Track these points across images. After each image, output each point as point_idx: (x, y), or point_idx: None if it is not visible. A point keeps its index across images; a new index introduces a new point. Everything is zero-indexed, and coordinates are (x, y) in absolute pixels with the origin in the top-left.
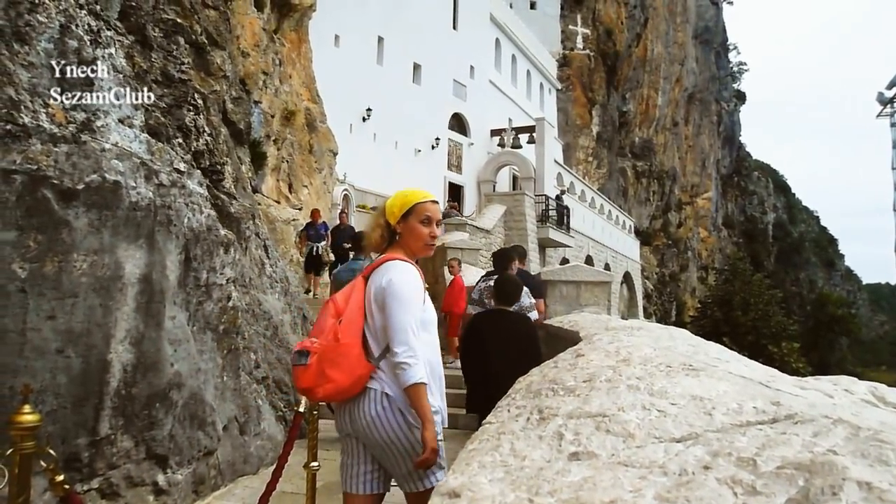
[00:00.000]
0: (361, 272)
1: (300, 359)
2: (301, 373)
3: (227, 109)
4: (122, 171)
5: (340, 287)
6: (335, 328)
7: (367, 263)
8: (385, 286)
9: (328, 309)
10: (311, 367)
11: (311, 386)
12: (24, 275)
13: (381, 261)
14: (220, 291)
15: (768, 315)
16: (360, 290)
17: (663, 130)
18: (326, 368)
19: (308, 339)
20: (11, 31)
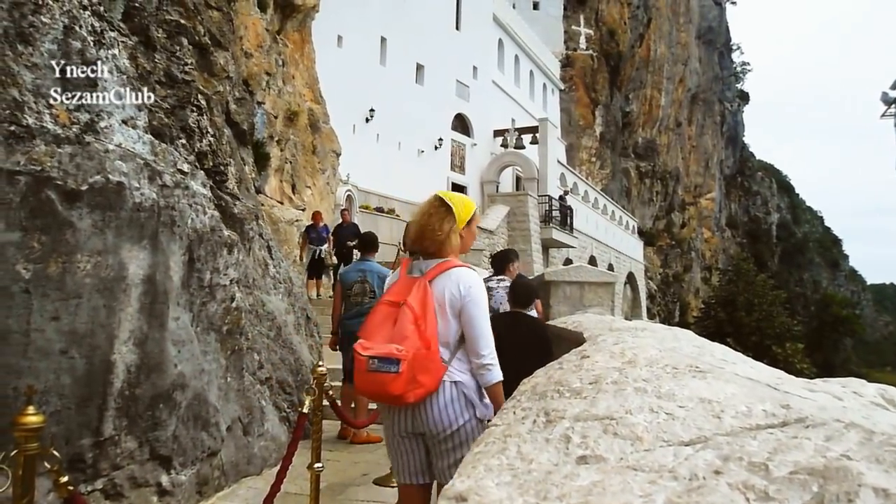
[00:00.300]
0: (420, 275)
1: (389, 366)
2: (392, 380)
3: (231, 110)
4: (126, 172)
5: (349, 288)
6: (423, 335)
7: (375, 264)
8: (465, 294)
9: (406, 314)
10: (403, 375)
11: (402, 393)
12: (27, 276)
13: (447, 267)
14: (223, 292)
15: (772, 316)
16: (429, 294)
17: (666, 131)
18: (418, 375)
19: (385, 346)
20: (15, 32)
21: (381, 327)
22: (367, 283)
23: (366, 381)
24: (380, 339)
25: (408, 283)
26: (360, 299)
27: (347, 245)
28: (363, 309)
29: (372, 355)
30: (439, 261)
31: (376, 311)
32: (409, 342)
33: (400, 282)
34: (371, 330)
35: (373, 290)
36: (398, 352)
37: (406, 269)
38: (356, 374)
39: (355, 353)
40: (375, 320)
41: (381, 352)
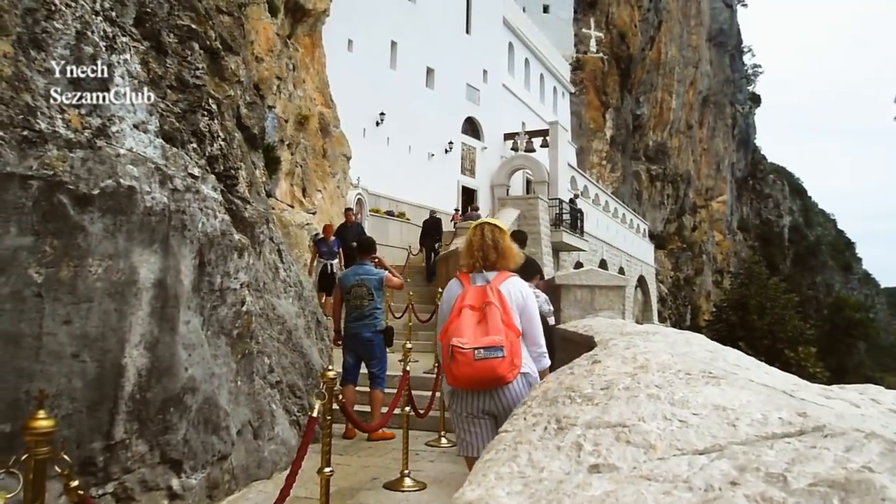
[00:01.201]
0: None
1: (496, 353)
2: (499, 363)
3: (242, 114)
4: (137, 177)
5: (348, 291)
6: (512, 326)
7: (372, 268)
8: (527, 296)
9: (494, 312)
10: (506, 359)
11: (505, 373)
12: (40, 280)
13: (507, 276)
14: (234, 296)
15: (784, 319)
16: (504, 296)
17: (677, 134)
18: (514, 358)
19: (487, 337)
20: (28, 37)
21: (471, 326)
22: (364, 287)
23: (473, 369)
24: (475, 335)
25: (479, 289)
26: (358, 302)
27: (352, 246)
28: (364, 312)
29: (478, 346)
30: (498, 273)
31: (462, 314)
32: (503, 333)
33: (470, 290)
34: (462, 329)
35: (370, 293)
36: (499, 341)
37: (468, 280)
38: (457, 367)
39: (455, 349)
40: (465, 321)
41: (486, 342)
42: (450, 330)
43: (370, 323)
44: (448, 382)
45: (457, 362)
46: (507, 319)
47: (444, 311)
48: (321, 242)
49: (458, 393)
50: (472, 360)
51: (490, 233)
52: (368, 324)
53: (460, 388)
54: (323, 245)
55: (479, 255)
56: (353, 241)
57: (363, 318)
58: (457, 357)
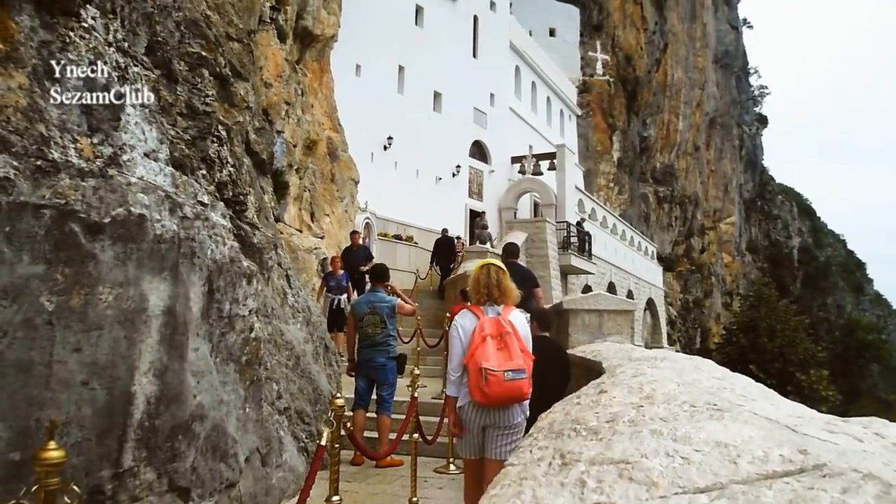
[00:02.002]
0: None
1: (521, 374)
2: (524, 383)
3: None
4: (148, 205)
5: (360, 319)
6: (527, 353)
7: (384, 295)
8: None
9: (513, 341)
10: (527, 378)
11: (527, 391)
12: (51, 307)
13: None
14: (242, 323)
15: (795, 342)
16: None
17: (685, 155)
18: (530, 378)
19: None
20: (44, 69)
21: (494, 352)
22: (377, 315)
23: (504, 388)
24: (499, 359)
25: (493, 321)
26: (370, 330)
27: (360, 270)
28: (377, 339)
29: (507, 369)
30: (503, 306)
31: (486, 342)
32: (522, 357)
33: (487, 321)
34: (488, 354)
35: (383, 321)
36: (522, 364)
37: (481, 312)
38: (490, 387)
39: (488, 372)
40: (489, 348)
41: (513, 366)
42: (476, 355)
43: (384, 350)
44: (477, 399)
45: (489, 383)
46: (522, 347)
47: (462, 338)
48: (329, 277)
49: (482, 408)
50: (503, 380)
51: (494, 273)
52: (382, 350)
53: (489, 404)
54: (331, 279)
55: (485, 291)
56: (359, 265)
57: (376, 346)
58: (490, 379)
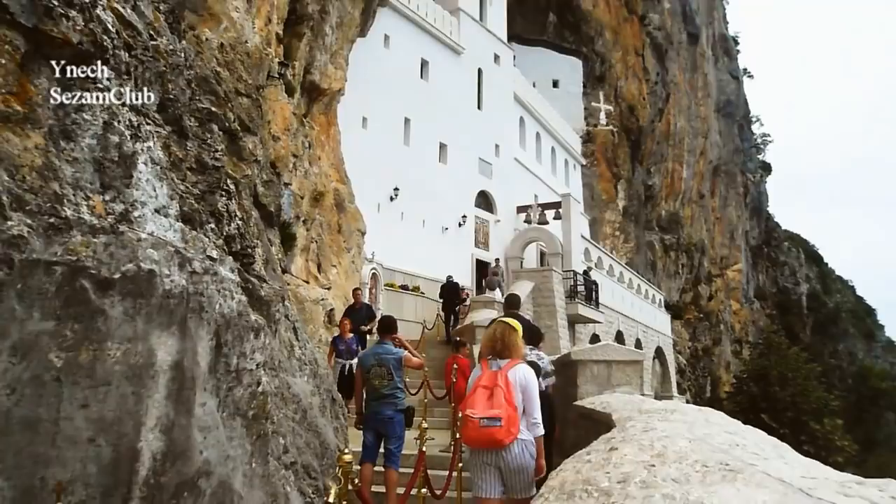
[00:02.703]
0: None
1: (494, 422)
2: (497, 430)
3: (258, 193)
4: (157, 260)
5: (367, 371)
6: (511, 403)
7: (391, 347)
8: (527, 382)
9: (499, 392)
10: (503, 427)
11: (503, 438)
12: (59, 364)
13: (514, 364)
14: (249, 377)
15: (807, 390)
16: (510, 380)
17: (690, 203)
18: (511, 427)
19: (489, 411)
20: (59, 129)
21: (482, 401)
22: (383, 367)
23: (478, 433)
24: (482, 408)
25: (492, 374)
26: (377, 382)
27: (361, 330)
28: (383, 392)
29: (482, 416)
30: (509, 360)
31: (477, 391)
32: (504, 408)
33: (486, 373)
34: (475, 402)
35: (390, 373)
36: (498, 413)
37: (486, 365)
38: (467, 430)
39: (466, 416)
40: (478, 397)
41: (489, 414)
42: (466, 402)
43: (391, 402)
44: (463, 441)
45: (467, 427)
46: (508, 398)
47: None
48: (338, 340)
49: (473, 451)
50: (478, 426)
51: (501, 331)
52: (389, 403)
53: (470, 446)
54: (340, 343)
55: (490, 346)
56: (361, 325)
57: (383, 398)
58: (467, 423)
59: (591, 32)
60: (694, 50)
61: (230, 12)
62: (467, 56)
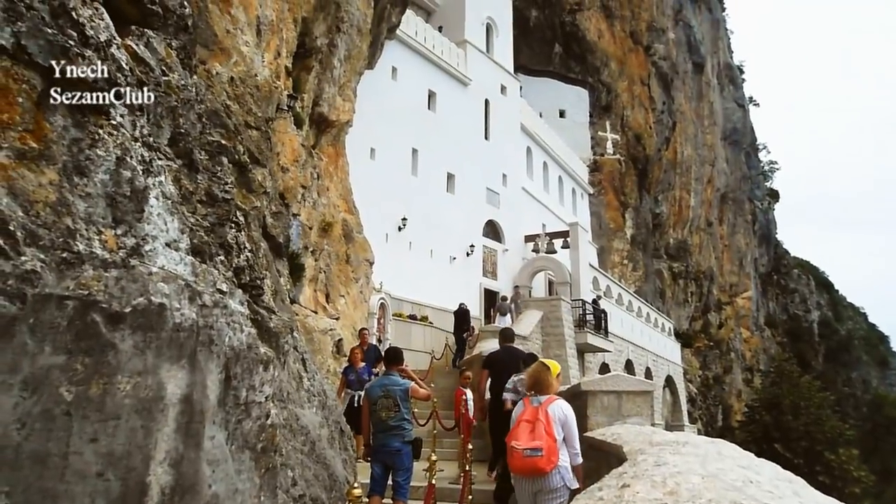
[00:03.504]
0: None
1: (536, 453)
2: (539, 460)
3: (268, 224)
4: (168, 294)
5: (375, 402)
6: (551, 435)
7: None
8: (566, 416)
9: (540, 425)
10: (544, 457)
11: (544, 466)
12: (69, 398)
13: (552, 399)
14: (258, 409)
15: (821, 419)
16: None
17: (698, 231)
18: (551, 456)
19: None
20: (73, 165)
21: (525, 434)
22: (390, 398)
23: (523, 462)
24: (525, 440)
25: (533, 409)
26: (384, 414)
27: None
28: (390, 423)
29: (525, 448)
30: (547, 396)
31: (521, 425)
32: (544, 440)
33: (528, 409)
34: (518, 435)
35: (396, 405)
36: (539, 444)
37: (528, 401)
38: (514, 460)
39: (512, 448)
40: (521, 430)
41: (531, 445)
42: (511, 435)
43: (398, 434)
44: (510, 470)
45: (513, 457)
46: (548, 430)
47: (512, 421)
48: (349, 370)
49: (516, 477)
50: (523, 456)
51: (540, 371)
52: (396, 435)
53: (516, 474)
54: (351, 373)
55: (532, 385)
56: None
57: (390, 430)
58: (513, 454)
59: (596, 63)
60: (699, 79)
61: (240, 46)
62: (474, 87)
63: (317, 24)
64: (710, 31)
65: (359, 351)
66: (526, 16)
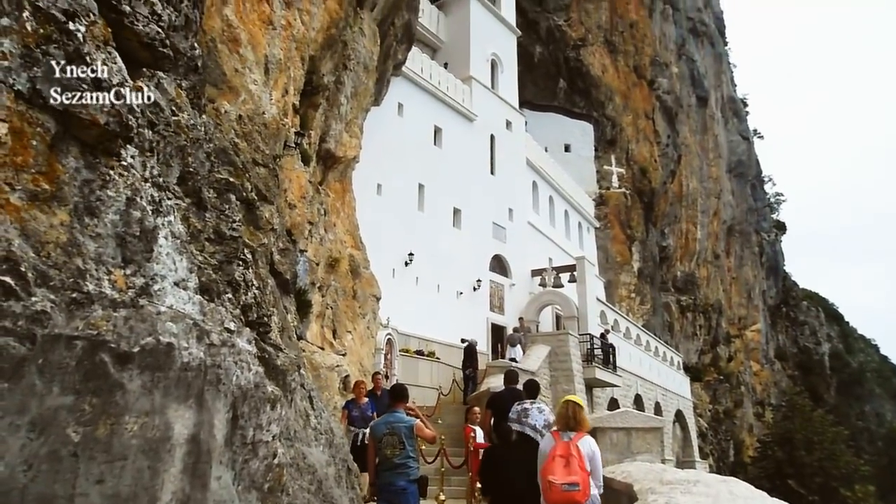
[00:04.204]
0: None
1: (574, 487)
2: (576, 493)
3: (275, 261)
4: (176, 333)
5: (379, 440)
6: (584, 470)
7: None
8: (594, 452)
9: (574, 460)
10: (581, 490)
11: (580, 499)
12: (77, 439)
13: (582, 436)
14: (266, 449)
15: (835, 454)
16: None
17: (705, 263)
18: (585, 489)
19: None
20: (84, 206)
21: (560, 468)
22: (395, 435)
23: (562, 496)
24: (562, 474)
25: (564, 444)
26: (388, 452)
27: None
28: (395, 461)
29: (563, 482)
30: (577, 433)
31: (556, 460)
32: (579, 474)
33: (559, 444)
34: (554, 470)
35: (401, 442)
36: (576, 479)
37: (558, 436)
38: (552, 494)
39: (549, 482)
40: (556, 465)
41: (569, 480)
42: (546, 469)
43: (403, 472)
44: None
45: (551, 491)
46: (581, 465)
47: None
48: (352, 405)
49: None
50: (561, 490)
51: (571, 408)
52: (401, 473)
53: None
54: (354, 408)
55: (563, 421)
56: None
57: (395, 468)
58: (552, 488)
59: (601, 97)
60: (703, 112)
61: (249, 85)
62: (480, 122)
63: (324, 62)
64: (712, 65)
65: (363, 384)
66: (530, 52)
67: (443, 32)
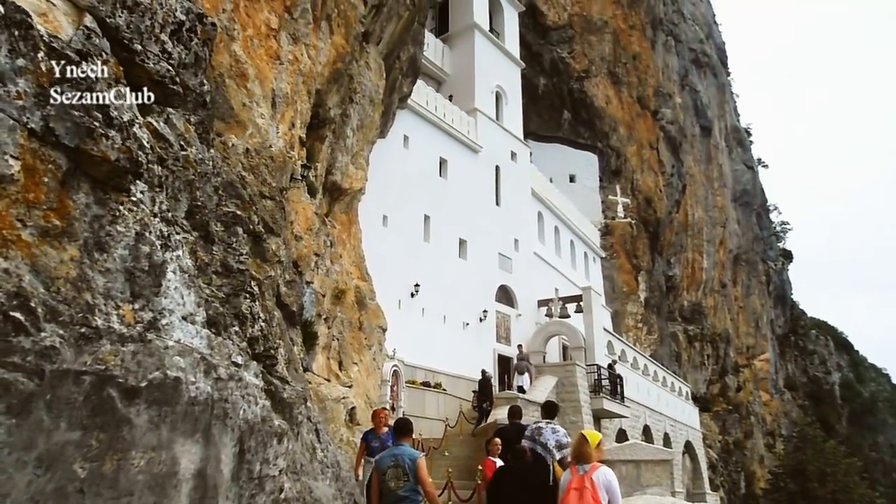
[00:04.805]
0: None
1: None
2: None
3: (281, 293)
4: (183, 367)
5: (384, 473)
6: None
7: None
8: (610, 481)
9: (587, 492)
10: None
11: None
12: (83, 474)
13: (596, 467)
14: (272, 483)
15: (849, 486)
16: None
17: (712, 293)
18: None
19: None
20: (94, 241)
21: (574, 500)
22: (399, 468)
23: None
24: None
25: (579, 477)
26: (394, 484)
27: None
28: (399, 494)
29: None
30: (591, 464)
31: (570, 493)
32: None
33: (575, 477)
34: (570, 501)
35: (406, 475)
36: None
37: (575, 470)
38: None
39: None
40: (571, 497)
41: None
42: (562, 501)
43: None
44: None
45: None
46: (594, 496)
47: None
48: (370, 436)
49: None
50: None
51: (580, 444)
52: None
53: None
54: (373, 439)
55: (577, 455)
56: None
57: (400, 501)
58: None
59: (605, 128)
60: (707, 142)
61: (256, 119)
62: (485, 154)
63: (330, 95)
64: (716, 95)
65: (384, 413)
66: (535, 84)
67: (448, 65)
